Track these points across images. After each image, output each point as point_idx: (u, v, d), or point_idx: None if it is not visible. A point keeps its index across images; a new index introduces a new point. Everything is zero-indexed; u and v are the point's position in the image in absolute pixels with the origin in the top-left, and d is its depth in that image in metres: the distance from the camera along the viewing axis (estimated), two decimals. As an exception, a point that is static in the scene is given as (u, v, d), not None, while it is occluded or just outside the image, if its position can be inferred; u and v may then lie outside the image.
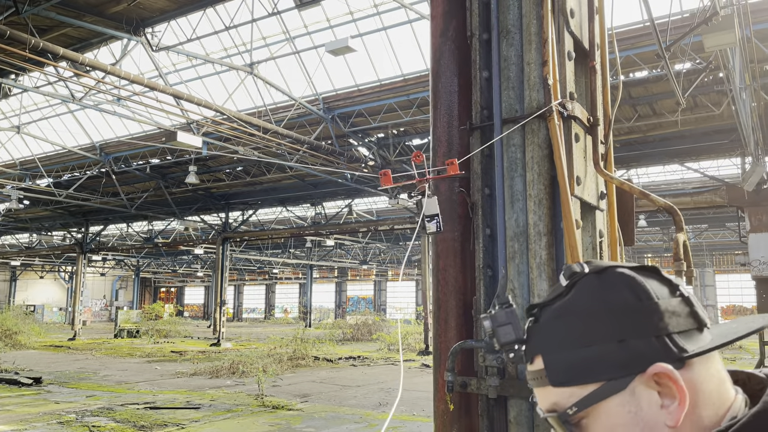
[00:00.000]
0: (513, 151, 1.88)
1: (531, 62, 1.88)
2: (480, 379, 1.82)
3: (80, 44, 12.76)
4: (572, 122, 1.86)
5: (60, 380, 14.03)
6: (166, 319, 35.20)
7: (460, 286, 1.99)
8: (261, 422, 9.32)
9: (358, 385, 13.93)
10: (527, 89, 1.88)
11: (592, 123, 2.00)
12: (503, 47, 1.94)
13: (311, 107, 15.50)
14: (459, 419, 1.92)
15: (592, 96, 2.02)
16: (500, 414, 1.78)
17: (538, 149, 1.82)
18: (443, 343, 1.97)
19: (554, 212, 1.80)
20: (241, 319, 59.91)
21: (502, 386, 1.75)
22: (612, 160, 2.05)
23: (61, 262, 44.99)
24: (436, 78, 2.10)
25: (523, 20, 1.91)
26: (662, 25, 8.51)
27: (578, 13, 1.98)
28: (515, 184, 1.85)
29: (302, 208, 29.07)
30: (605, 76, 2.08)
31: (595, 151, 1.97)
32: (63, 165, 21.94)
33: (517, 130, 1.88)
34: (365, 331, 29.62)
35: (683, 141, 17.15)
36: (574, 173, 1.81)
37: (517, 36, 1.92)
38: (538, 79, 1.85)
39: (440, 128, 2.06)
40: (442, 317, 2.02)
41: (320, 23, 13.89)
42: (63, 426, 8.88)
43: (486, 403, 1.81)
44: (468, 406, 1.93)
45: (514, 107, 1.91)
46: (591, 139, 2.00)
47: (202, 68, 15.92)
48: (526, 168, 1.84)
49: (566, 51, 1.90)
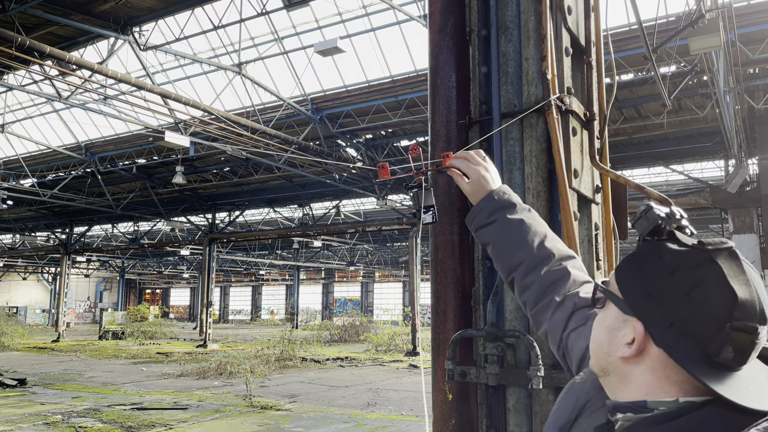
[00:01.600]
0: (511, 144, 1.92)
1: (529, 58, 1.92)
2: (479, 368, 1.85)
3: (67, 43, 12.66)
4: (570, 116, 1.90)
5: (45, 382, 13.87)
6: (152, 320, 34.90)
7: (458, 278, 2.02)
8: (249, 422, 9.29)
9: (347, 385, 13.93)
10: (525, 84, 1.92)
11: (589, 117, 2.05)
12: (502, 43, 1.98)
13: (299, 108, 15.49)
14: (458, 408, 1.95)
15: (588, 91, 2.06)
16: (499, 402, 1.81)
17: (536, 143, 1.86)
18: (442, 334, 2.00)
19: (552, 204, 1.84)
20: (227, 320, 59.58)
21: (502, 375, 1.78)
22: (607, 155, 2.10)
23: (45, 263, 44.45)
24: (435, 73, 2.13)
25: (522, 17, 1.95)
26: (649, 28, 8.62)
27: (575, 10, 2.02)
28: (514, 177, 1.89)
29: (290, 209, 28.99)
30: (601, 72, 2.13)
31: (592, 145, 2.01)
32: (48, 165, 21.71)
33: (515, 124, 1.91)
34: (353, 332, 29.61)
35: (668, 143, 17.38)
36: (572, 166, 1.85)
37: (516, 32, 1.96)
38: (536, 75, 1.89)
39: (439, 123, 2.10)
40: (441, 309, 2.05)
41: (309, 24, 13.90)
42: (49, 427, 8.79)
43: (485, 392, 1.84)
44: (466, 396, 1.96)
45: (512, 102, 1.95)
46: (587, 134, 2.04)
47: (190, 68, 15.85)
48: (525, 161, 1.88)
49: (564, 47, 1.95)
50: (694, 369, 0.79)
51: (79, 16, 11.57)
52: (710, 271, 0.80)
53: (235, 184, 22.85)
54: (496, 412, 1.80)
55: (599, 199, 2.10)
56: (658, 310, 0.82)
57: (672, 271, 0.82)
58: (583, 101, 2.07)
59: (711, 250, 0.82)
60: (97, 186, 22.34)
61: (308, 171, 19.77)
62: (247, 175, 21.42)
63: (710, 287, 0.79)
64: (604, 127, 2.09)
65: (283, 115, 15.84)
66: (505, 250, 1.31)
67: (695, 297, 0.79)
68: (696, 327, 0.79)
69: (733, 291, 0.78)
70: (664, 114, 14.06)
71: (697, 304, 0.79)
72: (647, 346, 0.84)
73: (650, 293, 0.84)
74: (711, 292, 0.79)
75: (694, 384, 0.81)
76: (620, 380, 0.89)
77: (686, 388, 0.82)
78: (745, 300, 0.78)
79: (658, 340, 0.82)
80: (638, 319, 0.85)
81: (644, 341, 0.84)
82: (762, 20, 11.25)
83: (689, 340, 0.79)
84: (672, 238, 0.87)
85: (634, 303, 0.86)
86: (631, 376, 0.87)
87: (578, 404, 1.00)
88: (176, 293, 64.07)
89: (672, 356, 0.81)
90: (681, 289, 0.81)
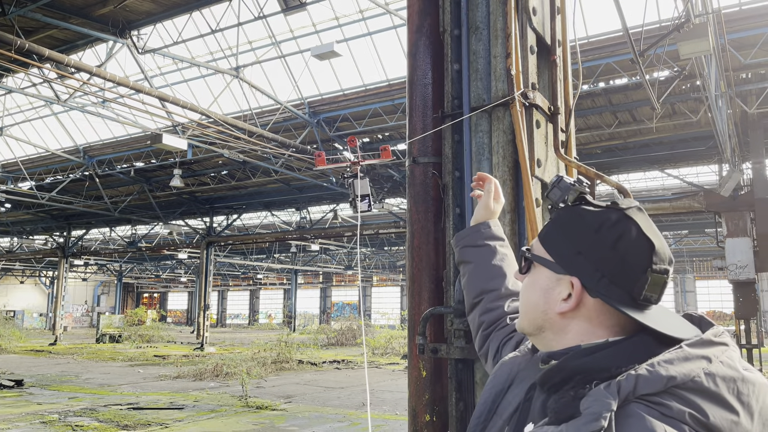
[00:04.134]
0: (480, 136, 2.04)
1: (497, 55, 2.05)
2: (449, 345, 1.97)
3: (65, 46, 12.80)
4: (534, 110, 2.03)
5: (42, 383, 13.95)
6: (149, 324, 34.95)
7: (432, 262, 2.15)
8: (245, 422, 9.38)
9: (342, 387, 14.02)
10: (494, 80, 2.05)
11: (553, 111, 2.17)
12: (472, 42, 2.11)
13: (297, 111, 15.62)
14: (431, 384, 2.07)
15: (553, 87, 2.19)
16: (468, 376, 1.93)
17: (503, 135, 1.99)
18: (417, 315, 2.12)
19: (517, 192, 1.97)
20: (224, 325, 59.56)
21: (469, 349, 1.90)
22: (572, 147, 2.22)
23: (43, 266, 44.46)
24: (413, 71, 2.27)
25: (491, 17, 2.08)
26: (637, 34, 8.77)
27: (540, 11, 2.16)
28: (482, 167, 2.01)
29: (287, 213, 29.09)
30: (566, 69, 2.25)
31: (556, 137, 2.14)
32: (46, 168, 21.80)
33: (485, 117, 2.04)
34: (350, 336, 29.68)
35: (662, 147, 17.52)
36: (535, 156, 1.98)
37: (485, 32, 2.10)
38: (503, 71, 2.02)
39: (416, 117, 2.23)
40: (416, 291, 2.17)
41: (306, 28, 14.05)
42: (46, 425, 8.87)
43: (455, 367, 1.96)
44: (439, 374, 2.08)
45: (482, 96, 2.07)
46: (552, 127, 2.17)
47: (188, 72, 15.98)
48: (492, 152, 2.00)
49: (529, 45, 2.08)
50: (626, 311, 0.92)
51: (78, 19, 11.70)
52: (629, 225, 0.94)
53: (232, 187, 22.96)
54: (465, 385, 1.92)
55: (565, 189, 2.22)
56: (589, 265, 0.95)
57: (597, 229, 0.95)
58: (549, 96, 2.20)
59: (625, 208, 0.96)
60: (95, 189, 22.44)
61: (305, 174, 19.88)
62: (245, 179, 21.53)
63: (631, 239, 0.93)
64: (569, 120, 2.21)
65: (281, 118, 15.97)
66: (485, 274, 1.44)
67: (620, 249, 0.93)
68: (623, 275, 0.92)
69: (650, 241, 0.93)
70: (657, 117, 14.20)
71: (622, 254, 0.93)
72: (583, 299, 0.96)
73: (580, 251, 0.96)
74: (632, 243, 0.93)
75: (621, 326, 0.95)
76: (555, 333, 1.00)
77: (615, 330, 0.96)
78: (659, 247, 0.93)
79: (593, 291, 0.94)
80: (573, 276, 0.96)
81: (581, 295, 0.96)
82: (753, 25, 11.37)
83: (618, 286, 0.93)
84: (586, 201, 0.99)
85: (566, 262, 0.97)
86: (567, 328, 0.99)
87: (511, 374, 1.12)
88: (174, 297, 64.05)
89: (608, 303, 0.93)
90: (606, 243, 0.94)
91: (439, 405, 2.05)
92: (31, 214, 28.37)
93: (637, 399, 0.83)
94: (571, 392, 0.88)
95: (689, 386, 0.83)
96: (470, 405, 1.90)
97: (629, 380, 0.83)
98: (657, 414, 0.81)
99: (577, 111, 14.36)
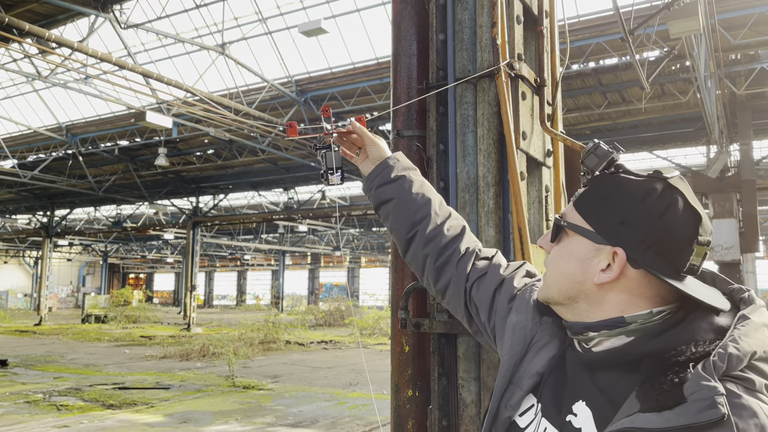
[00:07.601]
0: (465, 108, 2.00)
1: (483, 25, 1.99)
2: (432, 319, 1.95)
3: (46, 20, 12.49)
4: (519, 81, 1.99)
5: (26, 363, 13.86)
6: (136, 305, 34.79)
7: (415, 237, 2.11)
8: (231, 401, 9.39)
9: (329, 366, 14.08)
10: (479, 51, 2.00)
11: (540, 84, 2.13)
12: (458, 11, 2.06)
13: (284, 89, 15.45)
14: (414, 359, 2.05)
15: (540, 59, 2.15)
16: (450, 351, 1.91)
17: (488, 106, 1.95)
18: (400, 290, 2.10)
19: (502, 165, 1.93)
20: (212, 305, 59.52)
21: (451, 324, 1.88)
22: (559, 120, 2.19)
23: (26, 246, 44.02)
24: (397, 42, 2.21)
25: (477, -15, 2.03)
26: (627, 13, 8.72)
27: (528, -21, 2.11)
28: (467, 140, 1.97)
29: (275, 193, 28.93)
30: (553, 41, 2.21)
31: (542, 110, 2.10)
32: (28, 146, 21.46)
33: (470, 89, 2.00)
34: (338, 316, 29.76)
35: (651, 129, 17.56)
36: (521, 128, 1.94)
37: (471, 1, 2.04)
38: (488, 41, 1.97)
39: (400, 89, 2.18)
40: (399, 266, 2.14)
41: (293, 4, 13.82)
42: (30, 405, 8.83)
43: (437, 341, 1.94)
44: (422, 348, 2.06)
45: (467, 67, 2.03)
46: (538, 99, 2.13)
47: (173, 48, 15.71)
48: (477, 124, 1.96)
49: (515, 15, 2.03)
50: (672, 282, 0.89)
51: (59, -7, 11.42)
52: (676, 195, 0.91)
53: (219, 166, 22.75)
54: (447, 360, 1.90)
55: (550, 163, 2.19)
56: (635, 235, 0.90)
57: (642, 198, 0.91)
58: (535, 68, 2.16)
59: (669, 177, 0.93)
60: (79, 168, 22.13)
61: (293, 154, 19.73)
62: (231, 158, 21.34)
63: (679, 210, 0.90)
64: (556, 93, 2.18)
65: (267, 96, 15.78)
66: (411, 205, 1.36)
67: (667, 220, 0.89)
68: (670, 246, 0.89)
69: (697, 212, 0.90)
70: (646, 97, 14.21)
71: (669, 226, 0.89)
72: (625, 270, 0.92)
73: (623, 221, 0.91)
74: (680, 214, 0.90)
75: (663, 296, 0.92)
76: (591, 304, 0.96)
77: (656, 301, 0.93)
78: (704, 219, 0.91)
79: (638, 262, 0.91)
80: (616, 246, 0.91)
81: (624, 266, 0.92)
82: (743, 5, 11.34)
83: (663, 258, 0.89)
84: (625, 170, 0.95)
85: (608, 232, 0.93)
86: (605, 299, 0.95)
87: (526, 341, 1.07)
88: (160, 278, 63.80)
89: (653, 274, 0.90)
90: (653, 213, 0.90)
91: (421, 380, 2.03)
92: (13, 193, 27.98)
93: (724, 377, 0.81)
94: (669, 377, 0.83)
95: (762, 357, 0.83)
96: (453, 380, 1.89)
97: (722, 359, 0.81)
98: (745, 390, 0.80)
99: (566, 91, 14.33)
